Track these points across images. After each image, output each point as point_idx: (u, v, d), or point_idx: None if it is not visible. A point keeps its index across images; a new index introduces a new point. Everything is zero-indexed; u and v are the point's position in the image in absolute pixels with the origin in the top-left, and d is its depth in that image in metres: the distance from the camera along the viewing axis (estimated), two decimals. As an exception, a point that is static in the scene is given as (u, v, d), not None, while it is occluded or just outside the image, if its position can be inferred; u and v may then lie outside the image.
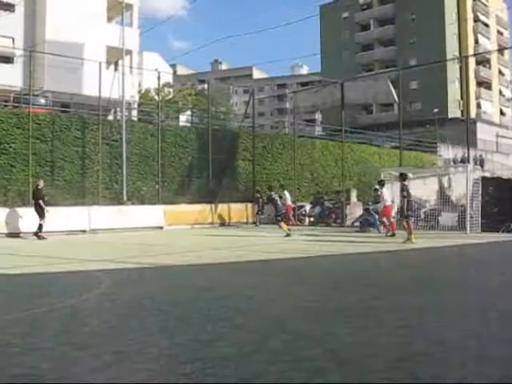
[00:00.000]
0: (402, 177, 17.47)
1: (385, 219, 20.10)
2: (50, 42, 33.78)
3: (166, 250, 14.82)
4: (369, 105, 64.27)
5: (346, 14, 79.02)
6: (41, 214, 19.41)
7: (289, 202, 24.82)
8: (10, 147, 22.77)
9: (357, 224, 22.72)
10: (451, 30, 70.62)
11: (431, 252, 15.08)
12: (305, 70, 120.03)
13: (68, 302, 6.96)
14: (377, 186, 21.04)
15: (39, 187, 20.07)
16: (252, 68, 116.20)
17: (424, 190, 25.71)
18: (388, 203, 19.70)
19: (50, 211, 19.51)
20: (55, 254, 14.30)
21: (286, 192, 25.51)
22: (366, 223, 21.83)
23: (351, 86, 27.99)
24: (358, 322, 6.49)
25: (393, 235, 18.86)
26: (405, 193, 16.93)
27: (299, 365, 4.88)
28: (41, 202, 19.51)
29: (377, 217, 21.08)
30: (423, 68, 48.85)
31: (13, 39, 35.83)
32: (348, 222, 25.02)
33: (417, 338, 5.75)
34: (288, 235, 18.79)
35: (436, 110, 59.90)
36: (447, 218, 21.56)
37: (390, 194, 20.69)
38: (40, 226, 19.37)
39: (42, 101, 29.03)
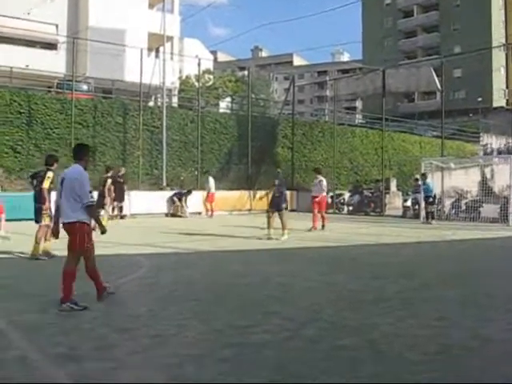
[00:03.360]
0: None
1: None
2: (92, 29, 34.13)
3: (204, 236, 14.92)
4: (411, 93, 63.13)
5: (388, 1, 77.63)
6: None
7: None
8: (54, 132, 23.20)
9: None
10: (497, 16, 68.72)
11: (472, 244, 14.81)
12: (346, 57, 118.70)
13: (106, 285, 7.07)
14: (417, 176, 20.74)
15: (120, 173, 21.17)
16: (292, 55, 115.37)
17: (465, 180, 25.23)
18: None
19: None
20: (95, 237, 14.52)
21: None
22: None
23: (393, 73, 27.54)
24: (396, 312, 6.44)
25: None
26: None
27: (335, 354, 4.87)
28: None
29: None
30: (467, 55, 47.76)
31: (56, 26, 36.27)
32: (387, 212, 24.74)
33: (456, 330, 5.67)
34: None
35: (480, 99, 58.53)
36: (489, 209, 21.10)
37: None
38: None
39: (85, 87, 29.41)
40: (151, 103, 32.55)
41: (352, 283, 8.39)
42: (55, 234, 7.22)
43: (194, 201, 24.11)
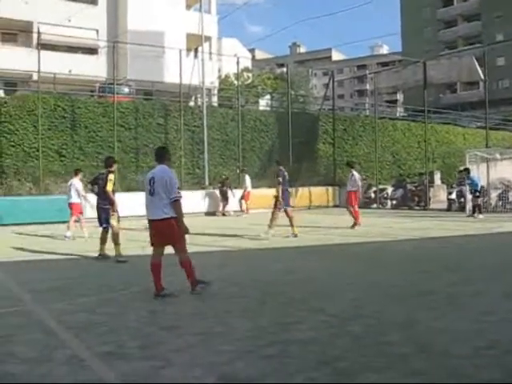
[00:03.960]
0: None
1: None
2: (132, 32, 34.62)
3: (247, 233, 14.98)
4: (453, 84, 62.04)
5: (427, -10, 76.54)
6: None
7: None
8: (97, 135, 23.66)
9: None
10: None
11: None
12: (385, 50, 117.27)
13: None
14: (461, 168, 20.36)
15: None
16: (331, 50, 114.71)
17: (512, 171, 24.67)
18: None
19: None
20: (140, 237, 14.73)
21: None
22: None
23: (434, 64, 27.08)
24: (441, 307, 6.37)
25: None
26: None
27: (380, 349, 4.85)
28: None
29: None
30: (511, 43, 46.65)
31: (97, 31, 36.97)
32: (432, 205, 24.37)
33: (503, 325, 5.57)
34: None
35: (525, 87, 57.18)
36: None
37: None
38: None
39: (126, 90, 29.90)
40: (191, 103, 32.85)
41: (396, 278, 8.32)
42: None
43: (233, 200, 24.27)
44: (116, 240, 10.59)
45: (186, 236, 7.38)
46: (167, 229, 7.06)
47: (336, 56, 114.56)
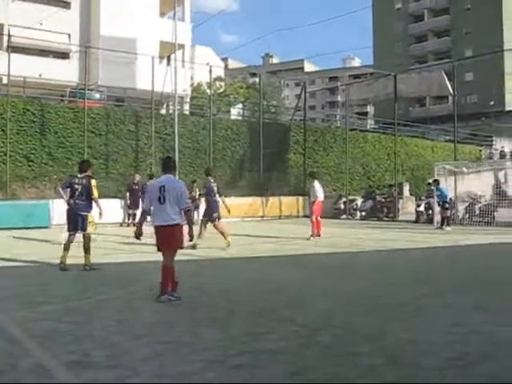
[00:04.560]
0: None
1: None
2: (104, 38, 34.36)
3: (216, 243, 14.89)
4: (422, 97, 62.96)
5: (398, 5, 77.53)
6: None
7: None
8: (67, 141, 23.35)
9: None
10: (509, 18, 68.37)
11: (486, 249, 14.69)
12: (357, 63, 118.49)
13: (120, 292, 7.10)
14: (430, 181, 20.60)
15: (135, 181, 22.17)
16: (303, 61, 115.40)
17: (479, 184, 25.08)
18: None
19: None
20: (109, 245, 14.56)
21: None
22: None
23: (404, 78, 27.45)
24: (410, 319, 6.40)
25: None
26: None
27: (350, 360, 4.84)
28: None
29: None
30: (479, 59, 47.53)
31: (69, 35, 36.62)
32: (400, 217, 24.61)
33: (472, 336, 5.61)
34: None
35: (492, 103, 58.26)
36: (503, 213, 20.96)
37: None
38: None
39: (97, 95, 29.62)
40: (163, 111, 32.69)
41: (366, 289, 8.35)
42: (138, 236, 7.88)
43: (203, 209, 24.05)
44: (89, 248, 10.28)
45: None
46: (172, 234, 7.46)
47: (308, 67, 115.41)
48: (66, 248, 10.34)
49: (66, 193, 10.78)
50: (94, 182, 10.51)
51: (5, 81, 21.95)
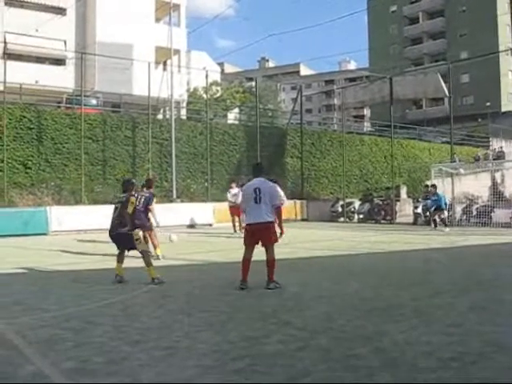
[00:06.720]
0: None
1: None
2: (100, 44, 34.45)
3: (216, 247, 14.92)
4: (418, 100, 63.09)
5: (393, 8, 77.74)
6: None
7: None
8: (64, 147, 23.38)
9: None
10: (504, 20, 68.46)
11: (483, 249, 14.72)
12: (352, 66, 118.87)
13: (119, 297, 7.09)
14: (427, 183, 20.64)
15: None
16: (299, 65, 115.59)
17: (476, 185, 25.13)
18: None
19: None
20: (110, 250, 14.56)
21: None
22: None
23: (400, 80, 27.53)
24: (408, 320, 6.40)
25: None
26: None
27: (348, 363, 4.85)
28: None
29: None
30: (474, 61, 47.70)
31: (65, 42, 36.65)
32: (398, 219, 24.64)
33: (469, 337, 5.62)
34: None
35: (488, 104, 58.44)
36: (500, 214, 20.98)
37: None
38: None
39: (94, 101, 29.66)
40: (160, 116, 32.77)
41: (363, 291, 8.36)
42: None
43: (201, 213, 24.10)
44: (150, 263, 9.40)
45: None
46: (267, 231, 8.42)
47: (304, 71, 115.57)
48: (119, 260, 9.62)
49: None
50: (132, 199, 9.61)
51: (1, 88, 21.94)
